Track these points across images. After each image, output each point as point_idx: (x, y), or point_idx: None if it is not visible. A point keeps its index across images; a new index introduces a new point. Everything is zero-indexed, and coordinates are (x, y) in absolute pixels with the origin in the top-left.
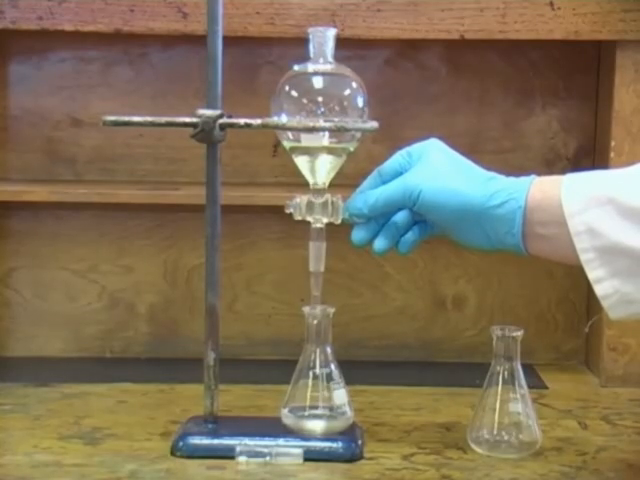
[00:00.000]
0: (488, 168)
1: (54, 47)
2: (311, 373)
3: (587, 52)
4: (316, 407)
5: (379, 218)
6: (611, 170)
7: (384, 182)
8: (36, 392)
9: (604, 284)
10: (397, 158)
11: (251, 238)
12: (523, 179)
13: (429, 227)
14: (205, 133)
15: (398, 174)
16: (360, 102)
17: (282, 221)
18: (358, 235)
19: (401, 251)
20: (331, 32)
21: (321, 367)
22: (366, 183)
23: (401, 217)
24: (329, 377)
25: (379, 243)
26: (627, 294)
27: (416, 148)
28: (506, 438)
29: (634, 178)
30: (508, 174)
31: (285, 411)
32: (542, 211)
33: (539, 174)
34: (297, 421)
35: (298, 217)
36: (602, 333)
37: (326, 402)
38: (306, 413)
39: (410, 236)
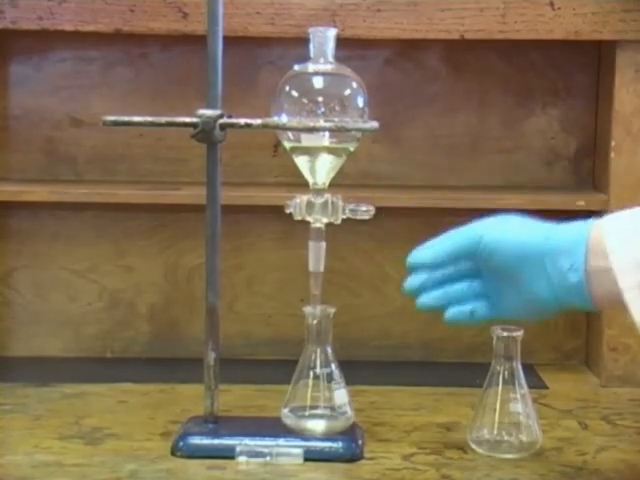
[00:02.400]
0: (488, 168)
1: (54, 47)
2: (311, 373)
3: (587, 52)
4: (317, 407)
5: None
6: None
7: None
8: (36, 392)
9: None
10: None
11: (251, 238)
12: (587, 221)
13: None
14: (205, 133)
15: None
16: (360, 102)
17: (282, 221)
18: (412, 282)
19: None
20: (331, 32)
21: (321, 367)
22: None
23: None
24: (329, 377)
25: (427, 298)
26: None
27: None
28: (506, 438)
29: None
30: (508, 174)
31: (285, 411)
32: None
33: (539, 174)
34: (298, 421)
35: (298, 217)
36: (602, 333)
37: (327, 402)
38: (307, 413)
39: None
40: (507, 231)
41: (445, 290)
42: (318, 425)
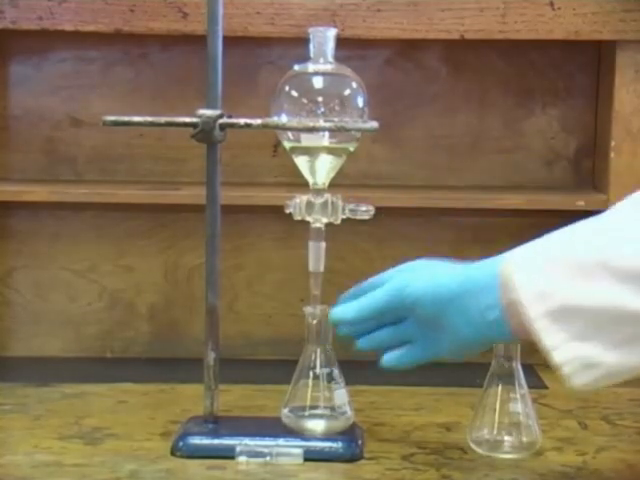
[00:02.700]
0: (488, 168)
1: (54, 47)
2: (311, 373)
3: (587, 52)
4: (317, 407)
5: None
6: (552, 233)
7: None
8: (36, 392)
9: (561, 349)
10: (375, 277)
11: (251, 238)
12: (495, 258)
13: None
14: (205, 133)
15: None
16: (360, 102)
17: (282, 221)
18: (340, 331)
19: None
20: (331, 32)
21: (321, 367)
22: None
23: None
24: (329, 377)
25: (362, 343)
26: (586, 357)
27: (397, 267)
28: (506, 438)
29: (572, 234)
30: (508, 174)
31: (285, 411)
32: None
33: (539, 174)
34: (297, 421)
35: (298, 217)
36: None
37: (327, 402)
38: (306, 413)
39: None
40: (425, 282)
41: (372, 338)
42: (318, 425)
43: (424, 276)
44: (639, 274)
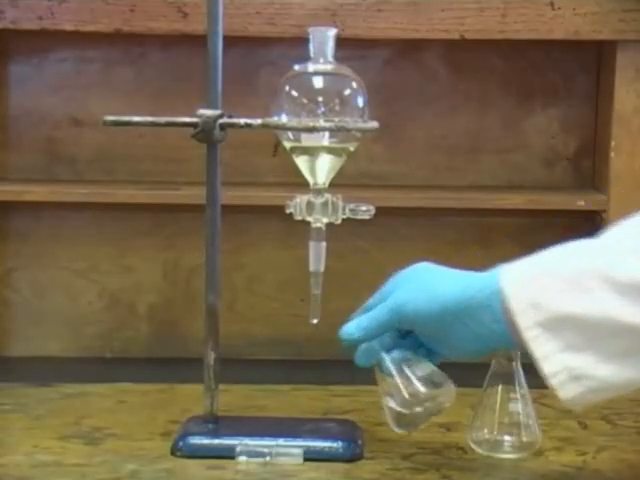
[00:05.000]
0: (488, 168)
1: (54, 47)
2: None
3: (587, 52)
4: None
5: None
6: (549, 248)
7: (371, 308)
8: (36, 392)
9: (551, 360)
10: (383, 287)
11: (251, 238)
12: (494, 270)
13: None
14: (205, 133)
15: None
16: (360, 102)
17: (282, 221)
18: (360, 355)
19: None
20: (331, 32)
21: None
22: (361, 309)
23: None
24: None
25: (359, 359)
26: (576, 368)
27: (400, 273)
28: (506, 438)
29: (567, 248)
30: (508, 174)
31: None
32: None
33: (539, 174)
34: None
35: (298, 217)
36: None
37: None
38: None
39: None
40: (425, 298)
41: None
42: None
43: (423, 290)
44: (634, 286)
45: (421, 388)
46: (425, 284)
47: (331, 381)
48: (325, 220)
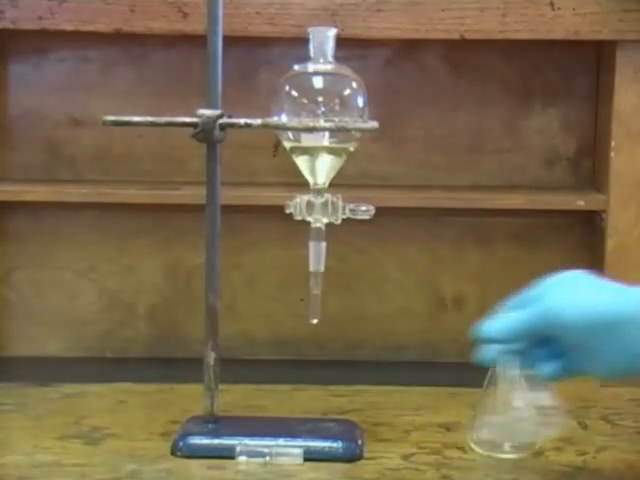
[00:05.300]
0: (488, 168)
1: (54, 47)
2: None
3: (587, 52)
4: None
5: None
6: None
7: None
8: (36, 392)
9: None
10: (532, 288)
11: (251, 238)
12: None
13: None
14: (205, 133)
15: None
16: (360, 102)
17: (282, 221)
18: (487, 354)
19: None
20: (331, 32)
21: None
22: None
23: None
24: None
25: (483, 356)
26: None
27: (550, 279)
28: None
29: None
30: (508, 174)
31: None
32: None
33: (539, 174)
34: None
35: (298, 217)
36: None
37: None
38: None
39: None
40: (580, 307)
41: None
42: None
43: (577, 299)
44: None
45: (543, 401)
46: (580, 293)
47: (331, 381)
48: (325, 220)
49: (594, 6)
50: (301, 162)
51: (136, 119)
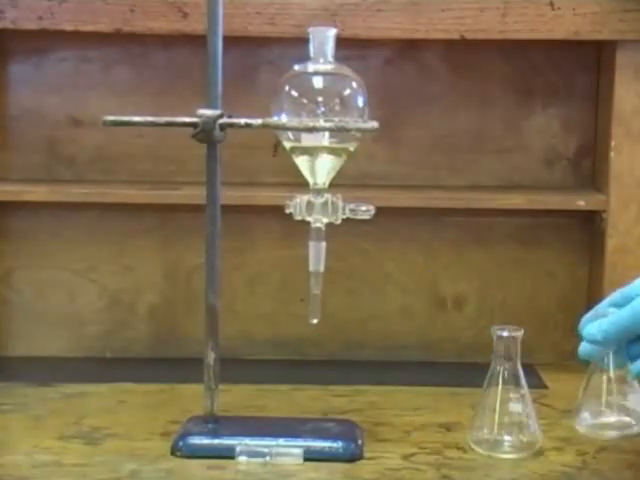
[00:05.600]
0: (488, 168)
1: (54, 47)
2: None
3: (587, 52)
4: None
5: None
6: None
7: (619, 305)
8: (36, 392)
9: None
10: (627, 286)
11: (251, 238)
12: None
13: None
14: (205, 133)
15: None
16: (360, 102)
17: (282, 221)
18: (585, 351)
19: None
20: (331, 32)
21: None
22: (605, 302)
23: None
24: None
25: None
26: None
27: None
28: (506, 438)
29: None
30: (508, 174)
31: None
32: None
33: (539, 174)
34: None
35: (298, 217)
36: None
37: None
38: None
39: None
40: None
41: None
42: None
43: None
44: None
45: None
46: None
47: (331, 381)
48: (325, 220)
49: (594, 6)
50: (301, 162)
51: (136, 119)
